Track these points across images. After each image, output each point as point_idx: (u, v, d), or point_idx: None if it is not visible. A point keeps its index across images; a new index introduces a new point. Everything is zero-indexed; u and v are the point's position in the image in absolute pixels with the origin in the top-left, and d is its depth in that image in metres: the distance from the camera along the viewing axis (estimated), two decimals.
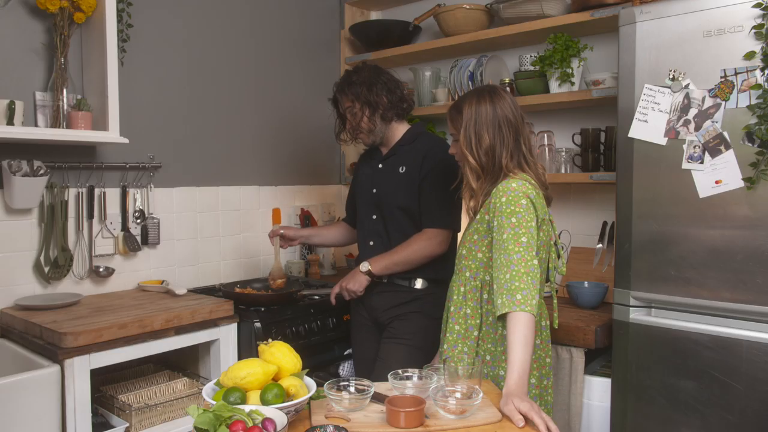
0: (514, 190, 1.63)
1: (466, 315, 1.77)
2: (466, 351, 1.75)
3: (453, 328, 1.79)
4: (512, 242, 1.58)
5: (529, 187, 1.65)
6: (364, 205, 2.31)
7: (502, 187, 1.66)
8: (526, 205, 1.61)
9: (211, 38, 2.78)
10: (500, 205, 1.63)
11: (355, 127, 2.23)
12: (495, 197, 1.66)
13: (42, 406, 1.74)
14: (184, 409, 2.08)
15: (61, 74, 2.19)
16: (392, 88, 2.22)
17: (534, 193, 1.66)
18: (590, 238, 2.64)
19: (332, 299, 2.32)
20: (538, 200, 1.67)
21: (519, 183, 1.65)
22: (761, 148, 1.68)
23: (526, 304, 1.51)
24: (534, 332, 1.52)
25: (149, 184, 2.55)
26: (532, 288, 1.54)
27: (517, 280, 1.54)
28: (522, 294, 1.52)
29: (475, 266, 1.77)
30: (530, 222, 1.60)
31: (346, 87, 2.21)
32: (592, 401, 2.09)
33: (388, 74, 2.26)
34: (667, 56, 1.83)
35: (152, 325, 2.00)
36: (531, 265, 1.56)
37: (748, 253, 1.72)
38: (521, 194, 1.62)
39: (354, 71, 2.25)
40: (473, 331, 1.76)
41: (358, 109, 2.20)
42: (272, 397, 1.27)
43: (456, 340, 1.78)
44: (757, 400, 1.72)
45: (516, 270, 1.55)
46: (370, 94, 2.17)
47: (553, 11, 2.57)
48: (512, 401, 1.36)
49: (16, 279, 2.20)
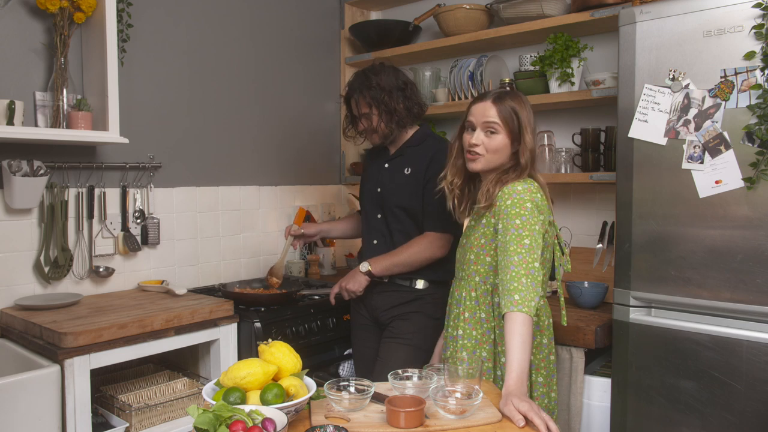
0: (519, 193, 1.64)
1: (482, 319, 1.77)
2: (485, 355, 1.75)
3: (470, 334, 1.78)
4: (514, 244, 1.58)
5: (534, 191, 1.66)
6: (368, 203, 2.31)
7: (507, 191, 1.66)
8: (530, 208, 1.62)
9: (211, 38, 2.79)
10: (505, 208, 1.63)
11: (370, 130, 2.22)
12: (501, 200, 1.66)
13: (42, 406, 1.74)
14: (184, 409, 2.09)
15: (61, 74, 2.19)
16: (409, 94, 2.19)
17: (539, 196, 1.66)
18: (590, 238, 2.64)
19: (332, 299, 2.32)
20: (543, 203, 1.67)
21: (524, 186, 1.66)
22: (761, 148, 1.68)
23: (524, 305, 1.51)
24: (531, 333, 1.52)
25: (149, 184, 2.55)
26: (531, 290, 1.53)
27: (515, 281, 1.54)
28: (520, 295, 1.52)
29: (485, 270, 1.77)
30: (534, 225, 1.60)
31: (366, 90, 2.15)
32: (592, 401, 2.09)
33: (405, 76, 2.23)
34: (667, 56, 1.83)
35: (152, 325, 2.00)
36: (532, 267, 1.56)
37: (748, 253, 1.72)
38: (527, 197, 1.63)
39: (372, 72, 2.18)
40: (490, 334, 1.77)
41: (376, 114, 2.17)
42: (272, 397, 1.27)
43: (474, 346, 1.77)
44: (757, 400, 1.72)
45: (516, 271, 1.55)
46: (391, 100, 2.14)
47: (553, 11, 2.57)
48: (511, 401, 1.36)
49: (16, 279, 2.20)
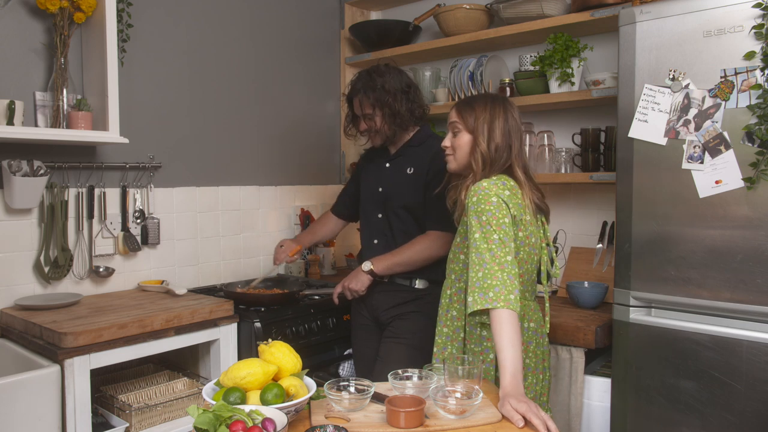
0: (484, 189, 1.63)
1: (453, 317, 1.80)
2: (455, 353, 1.77)
3: (441, 330, 1.82)
4: (483, 240, 1.57)
5: (501, 187, 1.64)
6: (369, 203, 2.31)
7: (474, 188, 1.65)
8: (496, 203, 1.60)
9: (212, 38, 2.78)
10: (471, 205, 1.63)
11: (373, 131, 2.22)
12: (468, 198, 1.65)
13: (42, 406, 1.74)
14: (184, 409, 2.09)
15: (61, 74, 2.19)
16: (412, 96, 2.20)
17: (507, 194, 1.64)
18: (590, 238, 2.64)
19: (335, 299, 2.32)
20: (513, 200, 1.65)
21: (491, 182, 1.64)
22: (761, 148, 1.68)
23: (499, 300, 1.49)
24: (518, 328, 1.50)
25: (149, 184, 2.55)
26: (508, 283, 1.52)
27: (489, 277, 1.53)
28: (494, 291, 1.51)
29: (459, 269, 1.78)
30: (502, 219, 1.59)
31: (370, 91, 2.16)
32: (592, 401, 2.09)
33: (408, 78, 2.23)
34: (667, 56, 1.83)
35: (152, 325, 2.00)
36: (504, 261, 1.54)
37: (748, 253, 1.72)
38: (492, 193, 1.61)
39: (377, 73, 2.19)
40: (460, 332, 1.78)
41: (380, 116, 2.17)
42: (272, 397, 1.27)
43: (445, 342, 1.80)
44: (757, 400, 1.72)
45: (489, 267, 1.54)
46: (394, 102, 2.15)
47: (553, 11, 2.57)
48: (509, 402, 1.36)
49: (16, 279, 2.20)
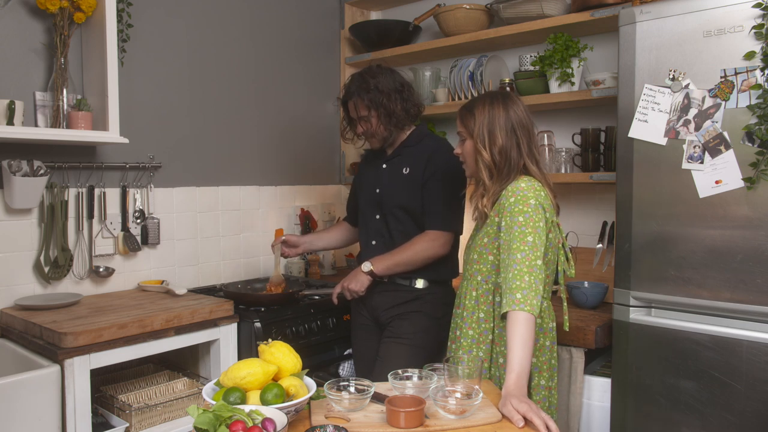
0: (522, 190, 1.64)
1: (480, 319, 1.78)
2: (482, 355, 1.75)
3: (467, 333, 1.79)
4: (518, 241, 1.58)
5: (538, 188, 1.65)
6: (367, 205, 2.31)
7: (511, 188, 1.66)
8: (534, 206, 1.61)
9: (211, 38, 2.78)
10: (508, 206, 1.63)
11: (369, 133, 2.22)
12: (504, 198, 1.66)
13: (42, 406, 1.74)
14: (184, 409, 2.09)
15: (61, 74, 2.19)
16: (407, 95, 2.19)
17: (543, 195, 1.66)
18: (590, 238, 2.64)
19: (334, 299, 2.32)
20: (547, 202, 1.67)
21: (528, 183, 1.65)
22: (761, 148, 1.68)
23: (526, 304, 1.50)
24: (534, 332, 1.51)
25: (149, 184, 2.55)
26: (533, 287, 1.53)
27: (518, 279, 1.54)
28: (522, 293, 1.52)
29: (486, 270, 1.77)
30: (538, 222, 1.59)
31: (364, 93, 2.15)
32: (592, 401, 2.09)
33: (401, 77, 2.23)
34: (667, 56, 1.83)
35: (152, 325, 2.00)
36: (534, 264, 1.55)
37: (748, 253, 1.72)
38: (530, 195, 1.62)
39: (369, 74, 2.18)
40: (488, 335, 1.77)
41: (375, 117, 2.17)
42: (272, 397, 1.27)
43: (471, 345, 1.78)
44: (757, 400, 1.72)
45: (518, 269, 1.55)
46: (389, 102, 2.14)
47: (553, 11, 2.57)
48: (510, 402, 1.36)
49: (16, 279, 2.20)
